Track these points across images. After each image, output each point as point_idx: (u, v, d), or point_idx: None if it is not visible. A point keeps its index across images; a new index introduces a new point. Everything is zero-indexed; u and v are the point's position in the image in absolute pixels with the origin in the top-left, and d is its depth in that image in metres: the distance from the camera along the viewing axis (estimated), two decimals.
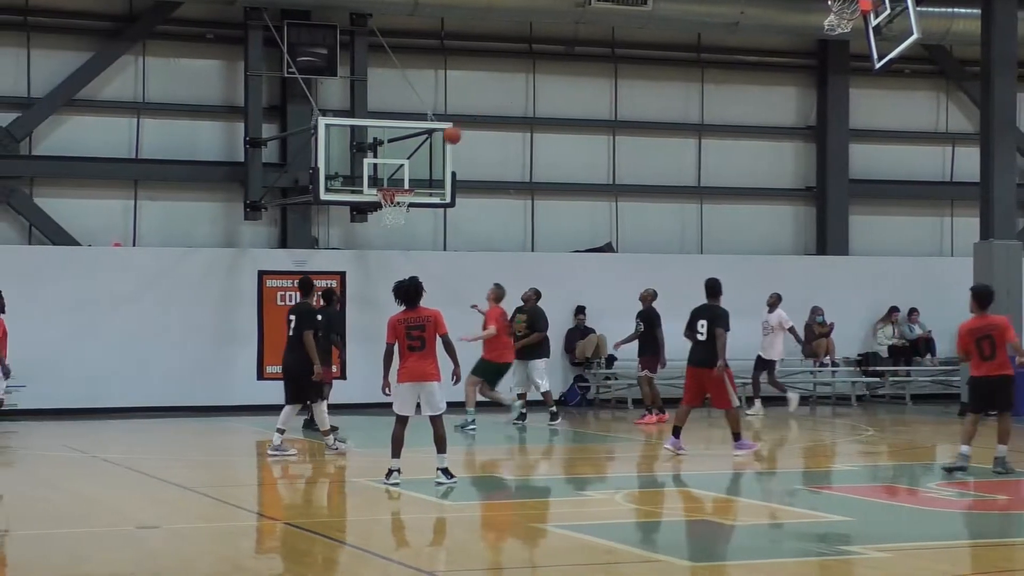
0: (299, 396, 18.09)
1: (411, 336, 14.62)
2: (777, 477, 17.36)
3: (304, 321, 17.95)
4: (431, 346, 14.68)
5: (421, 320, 14.68)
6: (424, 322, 14.67)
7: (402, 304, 14.83)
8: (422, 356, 14.64)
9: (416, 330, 14.63)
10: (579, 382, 26.79)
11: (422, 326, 14.65)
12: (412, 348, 14.64)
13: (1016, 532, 13.27)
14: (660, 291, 26.76)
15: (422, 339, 14.62)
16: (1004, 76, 25.39)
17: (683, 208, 28.98)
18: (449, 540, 12.67)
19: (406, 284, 14.90)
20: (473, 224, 27.25)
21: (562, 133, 28.31)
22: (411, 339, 14.63)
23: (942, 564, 11.22)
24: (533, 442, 21.23)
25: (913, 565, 11.09)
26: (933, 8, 26.38)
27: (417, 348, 14.63)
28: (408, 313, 14.74)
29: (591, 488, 16.18)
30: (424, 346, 14.64)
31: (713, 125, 29.06)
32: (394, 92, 26.25)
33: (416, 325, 14.66)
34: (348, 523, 13.72)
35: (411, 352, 14.64)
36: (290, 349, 18.16)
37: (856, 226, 29.50)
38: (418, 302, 14.84)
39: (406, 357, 14.66)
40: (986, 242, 25.40)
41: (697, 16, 27.32)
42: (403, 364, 14.69)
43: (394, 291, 14.85)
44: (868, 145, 29.77)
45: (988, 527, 13.50)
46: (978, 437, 16.78)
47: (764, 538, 12.42)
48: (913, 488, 16.04)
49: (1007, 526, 13.56)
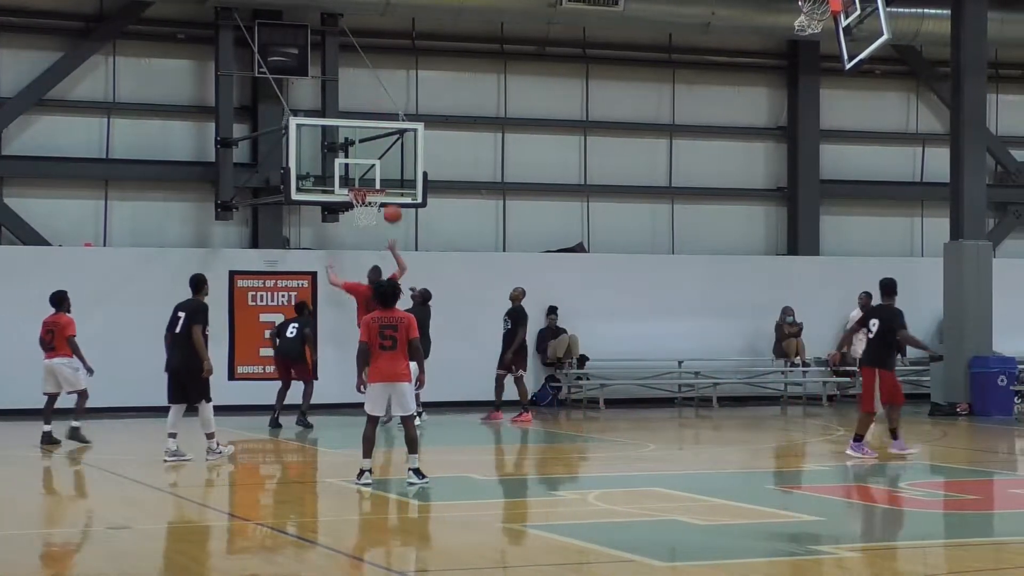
0: (184, 396, 17.61)
1: (384, 335, 14.71)
2: (749, 477, 17.38)
3: (192, 317, 17.48)
4: (402, 347, 14.75)
5: (394, 320, 14.76)
6: (397, 323, 14.73)
7: (379, 305, 14.97)
8: (393, 356, 14.72)
9: (389, 329, 14.73)
10: (551, 382, 26.78)
11: (395, 326, 14.73)
12: (384, 347, 14.72)
13: (987, 532, 13.31)
14: (632, 291, 26.88)
15: (394, 339, 14.69)
16: (974, 77, 25.48)
17: (654, 208, 29.01)
18: (421, 540, 12.64)
19: (384, 285, 15.37)
20: (445, 224, 27.22)
21: (533, 133, 28.31)
22: (383, 338, 14.71)
23: (913, 564, 11.26)
24: (505, 442, 21.21)
25: (884, 565, 11.12)
26: (903, 9, 26.46)
27: (388, 348, 14.71)
28: (383, 313, 14.83)
29: (564, 488, 16.17)
30: (395, 346, 14.72)
31: (684, 125, 29.09)
32: (365, 92, 26.22)
33: (389, 325, 14.75)
34: (319, 523, 13.69)
35: (383, 352, 14.72)
36: (176, 347, 17.55)
37: (827, 226, 29.58)
38: (394, 304, 15.13)
39: (377, 357, 14.74)
40: (956, 242, 25.51)
41: (668, 17, 27.36)
42: (374, 364, 14.75)
43: (373, 291, 15.10)
44: (839, 145, 29.85)
45: (959, 527, 13.53)
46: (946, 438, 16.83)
47: (736, 538, 12.43)
48: (884, 488, 16.08)
49: (978, 526, 13.60)
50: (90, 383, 19.74)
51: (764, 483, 16.73)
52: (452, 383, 24.26)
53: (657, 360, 27.00)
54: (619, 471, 17.45)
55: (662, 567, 11.09)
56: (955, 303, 25.52)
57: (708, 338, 27.29)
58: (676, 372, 27.25)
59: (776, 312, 27.81)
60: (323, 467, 18.41)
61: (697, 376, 27.28)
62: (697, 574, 11.00)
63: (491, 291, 23.35)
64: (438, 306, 22.71)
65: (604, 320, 26.71)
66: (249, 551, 12.11)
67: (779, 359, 27.75)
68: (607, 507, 14.16)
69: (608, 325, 26.73)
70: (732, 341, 27.26)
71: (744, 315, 27.59)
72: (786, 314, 27.87)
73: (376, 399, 14.90)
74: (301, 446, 20.45)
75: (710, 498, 14.73)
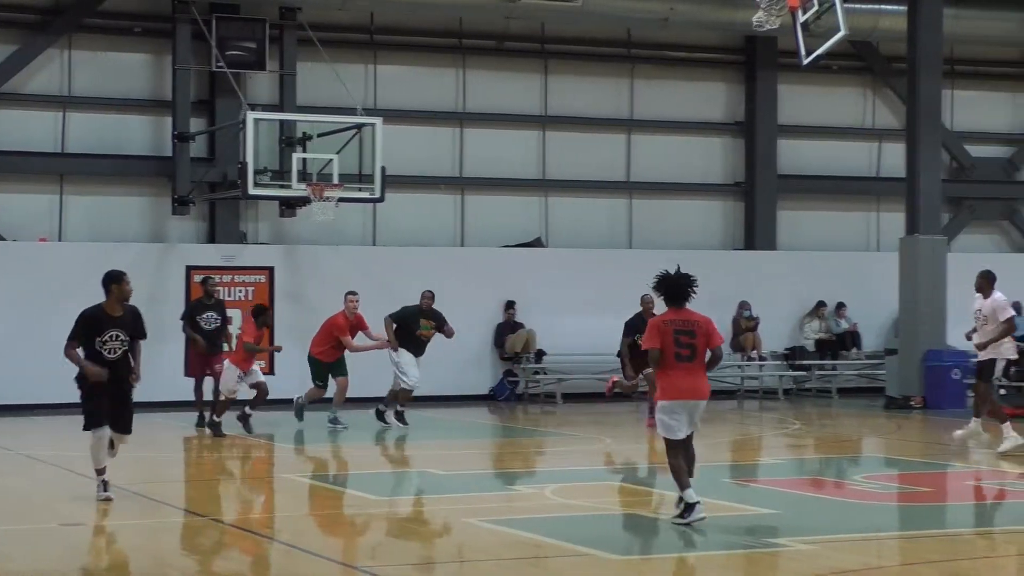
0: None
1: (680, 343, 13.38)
2: (705, 471, 17.44)
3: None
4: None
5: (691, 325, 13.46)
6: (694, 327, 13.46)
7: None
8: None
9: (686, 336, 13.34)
10: (508, 377, 26.82)
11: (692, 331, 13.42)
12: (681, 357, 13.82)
13: (939, 524, 13.42)
14: (591, 286, 26.90)
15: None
16: (930, 73, 25.64)
17: (612, 203, 29.07)
18: (378, 535, 12.66)
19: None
20: (403, 219, 27.19)
21: (492, 128, 28.31)
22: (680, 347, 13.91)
23: (867, 556, 11.34)
24: (463, 437, 21.22)
25: (838, 558, 11.19)
26: (860, 5, 26.58)
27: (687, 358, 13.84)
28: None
29: (521, 483, 16.21)
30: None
31: (643, 120, 29.16)
32: (323, 86, 26.16)
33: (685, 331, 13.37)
34: (276, 519, 13.68)
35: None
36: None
37: (784, 221, 29.71)
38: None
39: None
40: (912, 237, 25.66)
41: (627, 12, 27.39)
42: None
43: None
44: (796, 141, 29.97)
45: (912, 519, 13.65)
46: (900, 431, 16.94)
47: (692, 531, 12.48)
48: (839, 481, 16.18)
49: (930, 518, 13.71)
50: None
51: (721, 476, 16.78)
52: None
53: (615, 354, 27.01)
54: (576, 465, 17.49)
55: (618, 560, 11.14)
56: (910, 297, 25.69)
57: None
58: None
59: (733, 306, 27.91)
60: (279, 463, 18.39)
61: None
62: (653, 567, 11.06)
63: (449, 286, 23.32)
64: (395, 301, 22.64)
65: (562, 315, 26.73)
66: (203, 548, 12.09)
67: (736, 353, 27.85)
68: (564, 501, 14.20)
69: (566, 320, 26.77)
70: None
71: (701, 309, 27.22)
72: (743, 308, 27.99)
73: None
74: (257, 442, 20.40)
75: (667, 492, 14.78)
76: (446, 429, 21.74)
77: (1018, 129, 31.64)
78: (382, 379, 21.50)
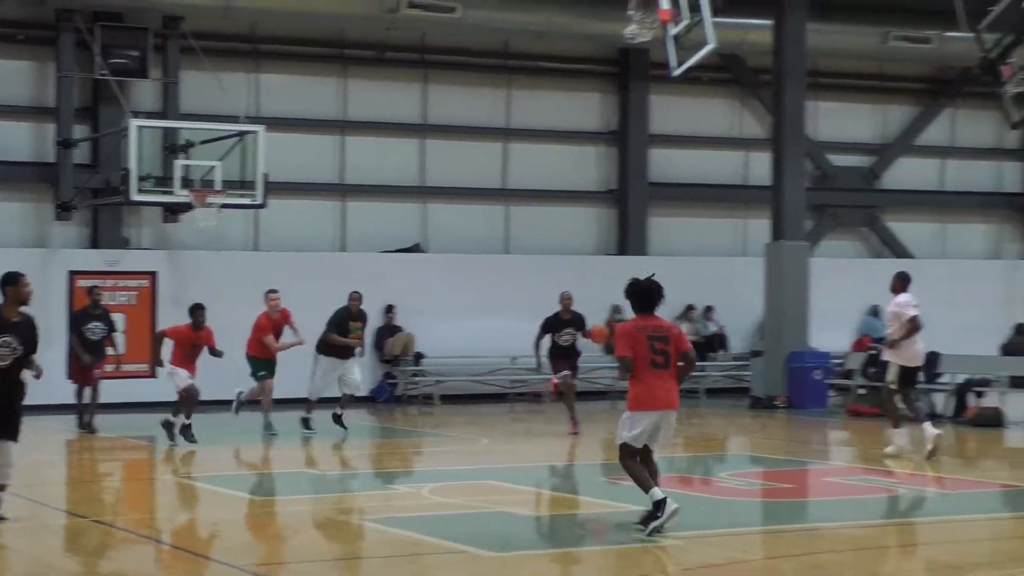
0: None
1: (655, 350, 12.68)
2: (579, 469, 17.59)
3: None
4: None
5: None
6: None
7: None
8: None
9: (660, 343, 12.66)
10: (388, 379, 26.79)
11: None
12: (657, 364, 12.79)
13: (801, 518, 13.64)
14: (469, 290, 26.95)
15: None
16: (794, 85, 26.01)
17: (490, 209, 29.12)
18: (260, 534, 12.60)
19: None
20: (285, 225, 27.03)
21: (373, 136, 28.23)
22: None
23: (732, 551, 11.50)
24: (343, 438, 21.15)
25: (705, 552, 11.34)
26: (728, 19, 26.79)
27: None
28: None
29: (399, 482, 16.21)
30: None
31: (519, 129, 29.25)
32: (207, 94, 25.93)
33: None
34: (160, 520, 13.56)
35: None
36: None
37: (655, 227, 29.96)
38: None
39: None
40: (777, 243, 26.01)
41: (504, 24, 27.50)
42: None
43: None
44: (667, 149, 30.23)
45: (775, 514, 13.85)
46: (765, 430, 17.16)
47: (566, 528, 12.58)
48: (706, 478, 16.37)
49: (792, 513, 13.93)
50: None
51: (594, 475, 16.94)
52: (293, 380, 23.99)
53: (491, 356, 27.15)
54: (453, 465, 17.53)
55: (493, 558, 11.20)
56: (775, 301, 26.04)
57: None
58: (509, 368, 27.41)
59: (606, 310, 28.08)
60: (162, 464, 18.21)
61: (530, 372, 27.44)
62: (527, 564, 11.13)
63: (330, 290, 23.22)
64: None
65: (440, 318, 26.76)
66: (87, 549, 11.96)
67: (608, 355, 28.01)
68: (441, 500, 14.23)
69: (444, 323, 26.81)
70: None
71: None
72: (615, 312, 28.12)
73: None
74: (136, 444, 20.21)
75: (541, 490, 14.89)
76: (326, 430, 21.63)
77: (878, 139, 32.21)
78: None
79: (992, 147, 33.03)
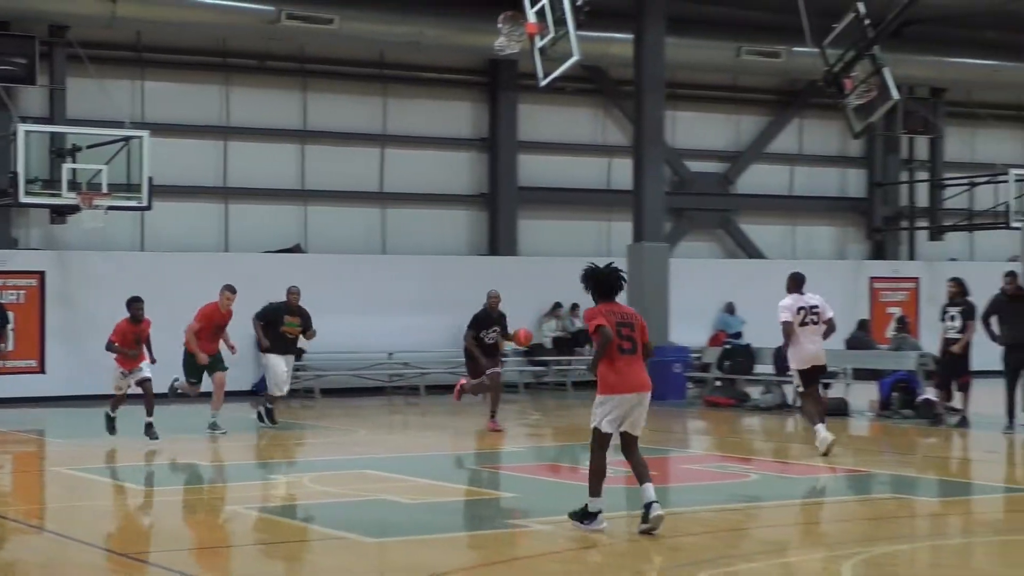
0: None
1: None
2: (453, 458, 17.59)
3: None
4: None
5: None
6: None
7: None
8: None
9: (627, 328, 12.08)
10: None
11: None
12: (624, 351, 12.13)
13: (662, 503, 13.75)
14: (347, 288, 26.83)
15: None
16: (653, 95, 26.21)
17: (367, 212, 29.03)
18: (148, 524, 12.44)
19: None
20: (170, 226, 26.72)
21: (255, 141, 28.00)
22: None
23: (598, 533, 11.56)
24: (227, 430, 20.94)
25: (573, 535, 11.40)
26: (591, 33, 26.91)
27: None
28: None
29: (281, 472, 16.09)
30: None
31: (395, 136, 29.19)
32: (93, 101, 25.55)
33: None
34: (46, 510, 13.33)
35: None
36: None
37: (524, 229, 30.06)
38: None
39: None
40: (638, 244, 26.21)
41: (380, 35, 27.45)
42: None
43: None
44: (535, 156, 30.33)
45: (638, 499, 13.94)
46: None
47: (441, 514, 12.58)
48: (574, 466, 16.45)
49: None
50: None
51: (467, 463, 16.96)
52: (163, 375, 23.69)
53: (370, 352, 27.07)
54: (333, 455, 17.46)
55: (372, 543, 11.17)
56: (636, 298, 26.11)
57: (417, 331, 27.43)
58: (387, 363, 27.35)
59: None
60: (51, 456, 17.92)
61: (406, 366, 27.45)
62: (405, 549, 11.12)
63: (215, 289, 22.96)
64: (164, 304, 22.22)
65: (320, 316, 26.29)
66: None
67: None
68: (322, 489, 14.17)
69: (324, 320, 26.38)
70: (438, 334, 27.43)
71: (449, 310, 27.76)
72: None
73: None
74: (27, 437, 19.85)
75: (417, 478, 14.87)
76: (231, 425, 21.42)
77: (732, 147, 32.61)
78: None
79: (837, 155, 33.65)
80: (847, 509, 13.39)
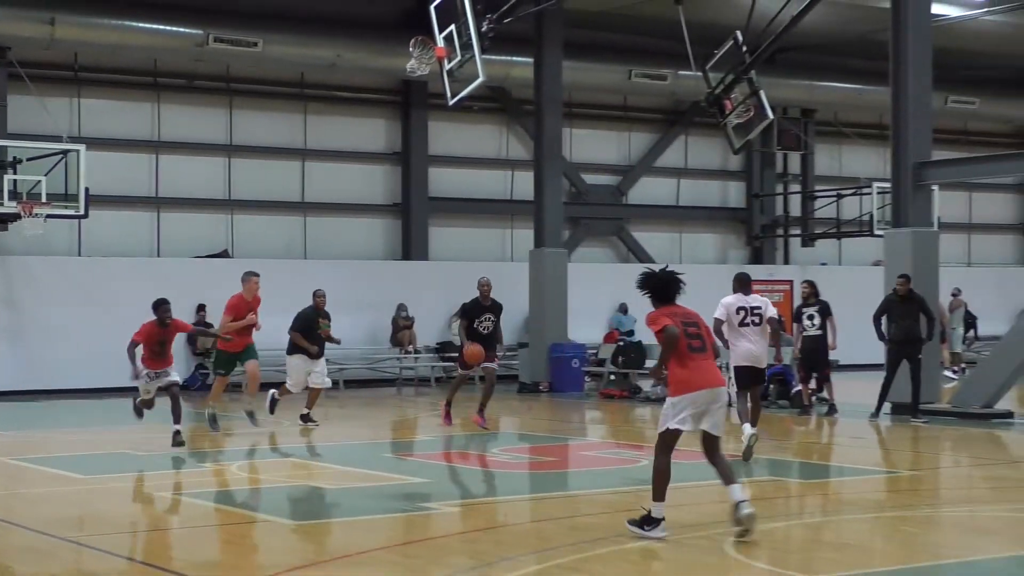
0: None
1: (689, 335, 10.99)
2: (370, 447, 17.52)
3: None
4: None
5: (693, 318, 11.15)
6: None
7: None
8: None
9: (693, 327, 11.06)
10: (200, 369, 26.31)
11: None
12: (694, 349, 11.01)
13: (562, 487, 13.81)
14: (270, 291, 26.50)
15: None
16: (552, 114, 26.34)
17: (290, 220, 28.84)
18: (85, 509, 12.25)
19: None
20: (106, 233, 26.38)
21: (185, 155, 27.72)
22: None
23: (503, 516, 11.58)
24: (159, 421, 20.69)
25: (480, 518, 11.41)
26: (496, 56, 27.00)
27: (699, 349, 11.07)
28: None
29: (210, 460, 15.92)
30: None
31: (315, 150, 29.03)
32: (33, 116, 25.17)
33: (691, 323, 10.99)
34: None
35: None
36: None
37: (434, 236, 30.02)
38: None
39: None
40: (539, 250, 26.31)
41: (300, 57, 27.31)
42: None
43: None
44: (444, 168, 30.32)
45: (541, 484, 14.00)
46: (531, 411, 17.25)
47: (360, 499, 12.52)
48: (481, 454, 16.46)
49: (555, 482, 14.10)
50: None
51: (383, 452, 16.90)
52: (99, 371, 23.37)
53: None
54: (259, 445, 17.30)
55: (296, 526, 11.10)
56: (538, 300, 26.34)
57: (337, 330, 27.23)
58: None
59: (393, 308, 28.09)
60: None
61: (328, 363, 27.17)
62: (327, 531, 11.06)
63: (147, 292, 22.67)
64: (101, 305, 21.98)
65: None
66: None
67: (395, 347, 28.02)
68: (249, 476, 14.05)
69: None
70: (356, 333, 27.32)
71: (366, 310, 27.74)
72: (401, 309, 28.18)
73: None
74: None
75: (338, 466, 14.80)
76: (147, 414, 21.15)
77: (624, 161, 32.80)
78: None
79: (719, 169, 33.98)
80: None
